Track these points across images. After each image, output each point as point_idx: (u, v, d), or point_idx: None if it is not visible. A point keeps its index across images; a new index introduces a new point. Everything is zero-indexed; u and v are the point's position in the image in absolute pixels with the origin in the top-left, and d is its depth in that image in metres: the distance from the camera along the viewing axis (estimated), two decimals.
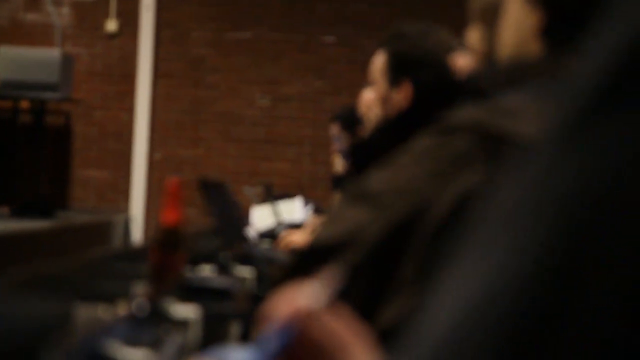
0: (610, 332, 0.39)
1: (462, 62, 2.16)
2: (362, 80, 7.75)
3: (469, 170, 1.41)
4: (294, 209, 4.86)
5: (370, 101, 2.81)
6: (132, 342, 1.57)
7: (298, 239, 3.74)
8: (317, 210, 4.91)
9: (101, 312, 1.90)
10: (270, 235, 4.33)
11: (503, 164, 1.28)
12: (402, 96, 2.76)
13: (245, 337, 3.19)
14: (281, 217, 4.56)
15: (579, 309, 0.39)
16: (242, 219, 4.04)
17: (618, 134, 0.40)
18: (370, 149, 1.60)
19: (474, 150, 1.42)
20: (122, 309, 1.75)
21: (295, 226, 4.39)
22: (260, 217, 4.67)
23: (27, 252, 4.65)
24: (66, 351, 1.14)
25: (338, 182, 4.42)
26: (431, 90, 1.59)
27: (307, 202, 5.04)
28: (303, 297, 0.75)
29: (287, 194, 5.29)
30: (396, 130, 1.57)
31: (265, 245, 3.96)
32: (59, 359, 0.87)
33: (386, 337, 0.82)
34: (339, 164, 4.76)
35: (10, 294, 0.71)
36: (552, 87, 1.36)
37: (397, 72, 2.75)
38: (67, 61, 6.30)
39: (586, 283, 0.39)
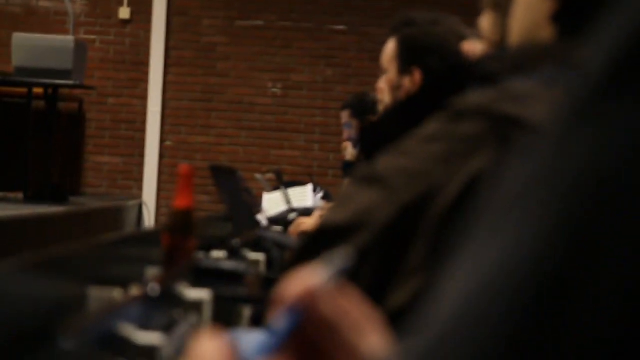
0: (625, 312, 0.38)
1: (473, 50, 2.17)
2: (371, 68, 7.76)
3: (478, 155, 1.42)
4: (305, 196, 4.86)
5: (383, 89, 2.82)
6: (145, 324, 1.56)
7: (308, 223, 3.75)
8: (328, 197, 4.92)
9: (114, 295, 1.92)
10: (281, 221, 4.34)
11: (512, 147, 1.28)
12: (411, 83, 2.78)
13: (256, 321, 3.20)
14: (292, 203, 4.57)
15: (591, 291, 0.39)
16: (254, 205, 4.04)
17: (627, 117, 0.39)
18: (380, 132, 1.60)
19: (483, 135, 1.43)
20: (134, 292, 1.77)
21: (306, 212, 4.39)
22: (271, 204, 4.68)
23: (40, 236, 4.67)
24: (80, 333, 1.16)
25: (348, 169, 4.43)
26: (441, 77, 1.60)
27: (317, 189, 5.05)
28: (312, 277, 0.75)
29: (298, 181, 5.30)
30: (405, 114, 1.57)
31: (277, 231, 3.96)
32: (74, 340, 0.89)
33: (394, 321, 0.82)
34: (349, 152, 4.77)
35: (25, 275, 0.72)
36: (561, 74, 1.37)
37: (406, 60, 2.77)
38: (81, 48, 6.31)
39: (598, 263, 0.39)
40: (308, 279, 0.72)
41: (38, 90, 6.47)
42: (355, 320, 0.73)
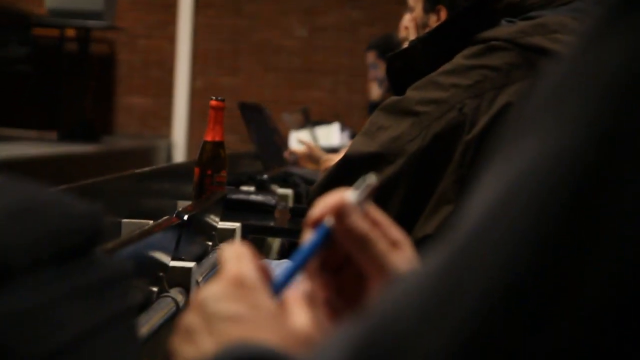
0: None
1: None
2: (397, 11, 7.69)
3: (509, 86, 1.44)
4: (332, 134, 4.87)
5: (408, 28, 2.83)
6: (177, 253, 1.56)
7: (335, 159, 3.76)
8: (354, 136, 4.93)
9: (147, 226, 1.96)
10: None
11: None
12: (437, 22, 2.79)
13: (284, 253, 3.25)
14: (319, 141, 4.58)
15: (627, 187, 0.39)
16: (281, 143, 4.07)
17: None
18: (406, 63, 1.61)
19: (514, 66, 1.45)
20: (166, 224, 1.79)
21: (333, 151, 4.41)
22: (299, 142, 4.70)
23: (73, 174, 4.73)
24: (115, 255, 1.16)
25: (374, 109, 4.44)
26: (468, 10, 1.60)
27: (344, 128, 5.05)
28: (343, 195, 0.72)
29: (325, 120, 5.31)
30: (433, 46, 1.58)
31: (304, 168, 3.98)
32: (109, 259, 0.92)
33: (423, 249, 0.84)
34: (374, 92, 4.77)
35: (63, 197, 0.75)
36: (590, 4, 1.38)
37: None
38: None
39: (632, 160, 0.39)
40: (339, 196, 0.72)
41: (70, 32, 6.51)
42: (387, 233, 0.73)
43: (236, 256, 0.69)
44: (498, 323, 0.40)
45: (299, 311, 0.66)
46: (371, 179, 0.73)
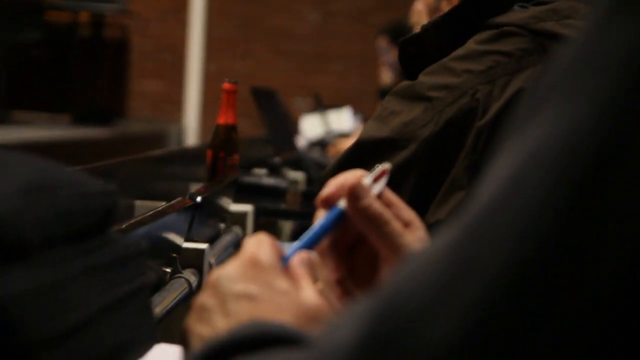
0: None
1: None
2: None
3: (521, 72, 1.44)
4: (343, 119, 4.87)
5: (420, 12, 2.82)
6: (190, 235, 1.57)
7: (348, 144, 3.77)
8: (366, 121, 4.92)
9: (160, 208, 1.96)
10: (320, 143, 4.36)
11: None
12: (449, 6, 2.78)
13: (296, 236, 3.26)
14: (330, 126, 4.58)
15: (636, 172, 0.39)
16: (293, 128, 4.08)
17: None
18: (419, 48, 1.60)
19: (527, 52, 1.45)
20: (179, 205, 1.81)
21: (345, 136, 4.40)
22: (310, 126, 4.70)
23: (86, 157, 4.75)
24: (128, 235, 1.17)
25: (385, 94, 4.43)
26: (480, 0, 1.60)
27: (355, 113, 5.05)
28: (357, 176, 0.73)
29: (337, 105, 5.30)
30: (445, 30, 1.57)
31: (315, 153, 3.99)
32: (122, 238, 0.93)
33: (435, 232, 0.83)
34: (385, 77, 4.77)
35: (78, 176, 0.74)
36: None
37: None
38: None
39: None
40: (354, 176, 0.73)
41: (84, 16, 6.53)
42: (399, 214, 0.74)
43: (256, 240, 0.70)
44: (502, 312, 0.41)
45: (307, 286, 0.67)
46: (385, 166, 0.74)
